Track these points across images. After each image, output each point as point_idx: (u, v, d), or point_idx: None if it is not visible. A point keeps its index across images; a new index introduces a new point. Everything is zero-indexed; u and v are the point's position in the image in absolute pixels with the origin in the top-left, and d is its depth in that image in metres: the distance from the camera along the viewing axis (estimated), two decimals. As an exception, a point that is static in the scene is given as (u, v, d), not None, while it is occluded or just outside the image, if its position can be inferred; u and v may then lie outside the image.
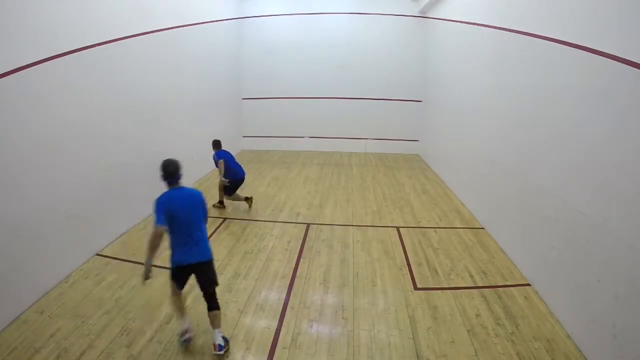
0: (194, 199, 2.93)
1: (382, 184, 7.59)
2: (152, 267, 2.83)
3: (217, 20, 8.48)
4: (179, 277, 2.96)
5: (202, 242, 2.93)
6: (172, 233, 2.86)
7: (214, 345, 2.84)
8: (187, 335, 2.95)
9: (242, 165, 6.03)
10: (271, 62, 10.46)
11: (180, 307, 3.04)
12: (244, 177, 5.99)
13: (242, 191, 6.36)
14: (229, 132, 9.85)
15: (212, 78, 8.56)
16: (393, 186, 7.42)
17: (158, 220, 2.75)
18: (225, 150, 6.03)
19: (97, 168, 4.49)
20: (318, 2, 10.03)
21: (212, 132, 8.25)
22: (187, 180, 7.41)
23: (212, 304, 2.94)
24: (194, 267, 2.89)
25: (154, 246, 2.77)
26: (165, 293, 3.68)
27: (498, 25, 4.99)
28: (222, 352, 2.83)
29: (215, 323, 2.90)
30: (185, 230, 2.85)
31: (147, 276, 2.82)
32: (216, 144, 6.02)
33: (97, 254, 4.44)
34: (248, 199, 6.02)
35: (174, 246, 2.90)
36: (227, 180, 5.62)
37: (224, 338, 2.91)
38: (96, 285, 3.81)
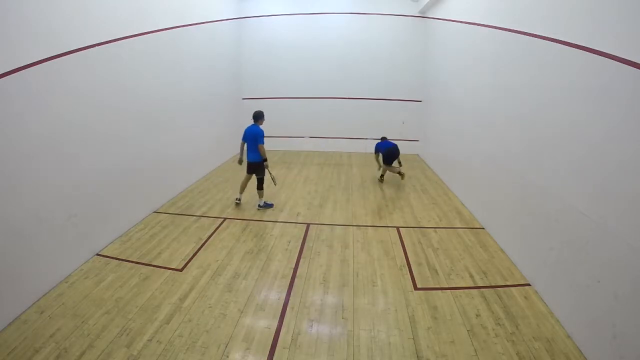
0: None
1: (382, 183, 7.60)
2: None
3: (217, 20, 8.49)
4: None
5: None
6: None
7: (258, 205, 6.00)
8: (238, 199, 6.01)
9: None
10: (271, 62, 10.46)
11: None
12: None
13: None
14: (229, 132, 9.85)
15: (212, 78, 8.56)
16: (393, 186, 7.42)
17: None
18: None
19: (97, 168, 4.49)
20: (318, 2, 10.02)
21: (212, 132, 8.29)
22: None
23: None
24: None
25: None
26: (165, 293, 3.70)
27: (498, 25, 5.00)
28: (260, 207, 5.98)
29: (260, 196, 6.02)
30: None
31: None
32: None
33: (97, 254, 4.44)
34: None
35: None
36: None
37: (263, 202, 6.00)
38: (96, 285, 3.81)
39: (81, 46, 4.14)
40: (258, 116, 5.90)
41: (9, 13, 3.27)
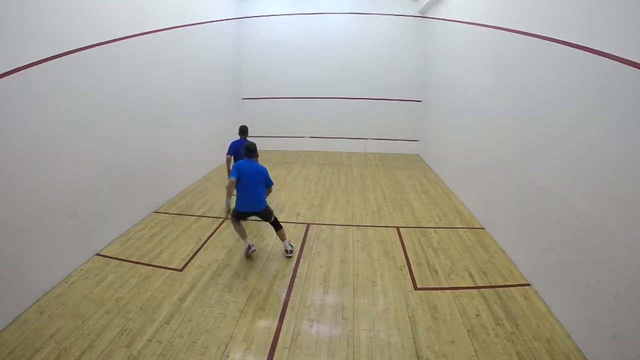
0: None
1: (382, 184, 7.60)
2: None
3: (217, 20, 8.49)
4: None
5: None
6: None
7: (285, 251, 4.43)
8: (252, 250, 4.31)
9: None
10: (271, 62, 10.46)
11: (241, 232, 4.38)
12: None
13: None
14: (229, 132, 9.85)
15: (212, 78, 8.56)
16: (393, 186, 7.42)
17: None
18: (240, 140, 5.64)
19: (97, 168, 4.49)
20: (318, 2, 10.02)
21: (212, 133, 8.29)
22: (191, 177, 7.30)
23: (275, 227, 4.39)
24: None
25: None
26: (165, 293, 3.70)
27: (497, 25, 5.00)
28: (291, 255, 4.42)
29: (282, 237, 4.44)
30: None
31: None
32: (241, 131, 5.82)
33: (97, 254, 4.44)
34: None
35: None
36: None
37: (290, 245, 4.48)
38: (96, 285, 3.81)
39: (81, 46, 4.14)
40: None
41: (9, 13, 3.27)
